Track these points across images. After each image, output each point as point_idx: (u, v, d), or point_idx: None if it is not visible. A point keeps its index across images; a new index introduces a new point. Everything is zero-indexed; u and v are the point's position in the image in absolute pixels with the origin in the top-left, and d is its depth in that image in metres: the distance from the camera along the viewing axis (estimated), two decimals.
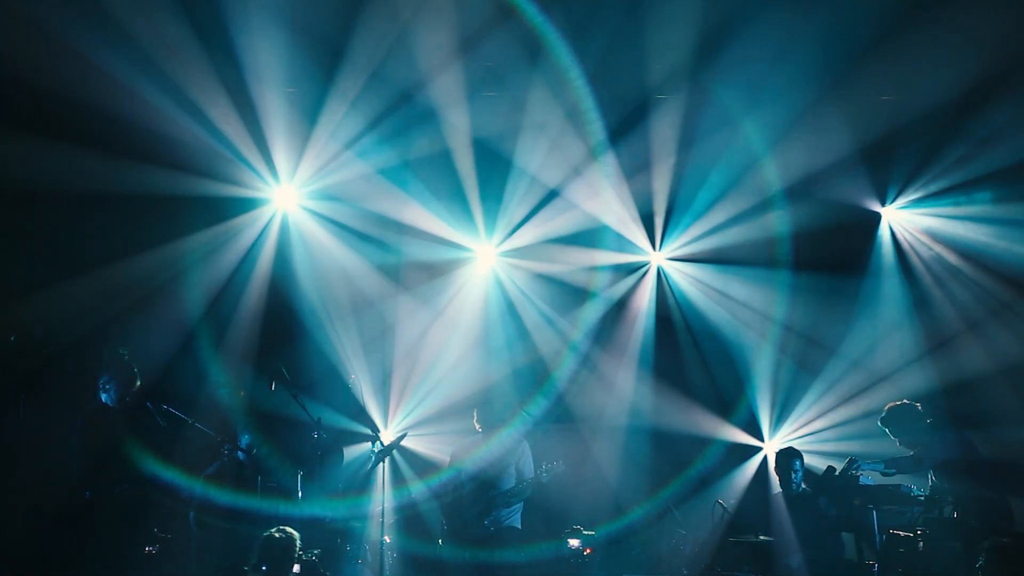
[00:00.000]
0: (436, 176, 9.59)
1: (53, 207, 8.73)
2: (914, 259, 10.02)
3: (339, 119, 8.82)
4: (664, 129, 9.17)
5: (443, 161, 9.45)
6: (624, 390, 10.25)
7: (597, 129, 9.04)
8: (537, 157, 9.45)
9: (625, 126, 9.15)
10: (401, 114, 8.87)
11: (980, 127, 8.92)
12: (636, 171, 9.63)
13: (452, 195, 9.77)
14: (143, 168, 8.60)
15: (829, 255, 9.99)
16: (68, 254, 8.83)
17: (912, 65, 8.34)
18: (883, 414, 8.12)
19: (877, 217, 10.09)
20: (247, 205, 9.48)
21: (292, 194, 9.59)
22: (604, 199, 9.78)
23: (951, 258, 9.84)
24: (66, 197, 8.61)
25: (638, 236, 10.24)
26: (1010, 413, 9.07)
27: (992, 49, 8.06)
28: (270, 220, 9.65)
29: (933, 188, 9.66)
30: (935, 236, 9.93)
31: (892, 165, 9.58)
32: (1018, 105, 8.68)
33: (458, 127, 9.13)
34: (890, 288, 10.07)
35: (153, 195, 8.81)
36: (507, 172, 9.59)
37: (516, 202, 9.86)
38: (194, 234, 9.26)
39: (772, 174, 9.53)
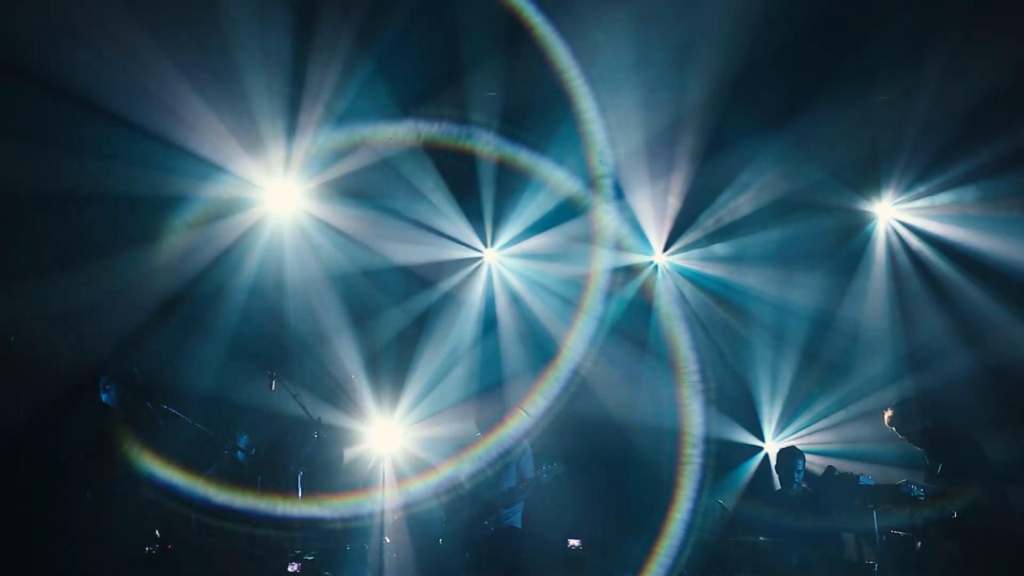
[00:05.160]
0: (438, 174, 9.60)
1: (52, 207, 8.74)
2: (912, 258, 10.01)
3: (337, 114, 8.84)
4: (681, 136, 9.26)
5: (444, 158, 9.47)
6: (630, 390, 10.27)
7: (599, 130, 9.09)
8: (546, 157, 9.49)
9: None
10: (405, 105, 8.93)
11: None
12: (644, 175, 9.66)
13: (455, 194, 9.78)
14: (142, 167, 8.62)
15: (827, 254, 10.04)
16: (69, 254, 8.84)
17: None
18: (888, 412, 8.13)
19: (872, 216, 10.10)
20: (241, 205, 9.47)
21: (288, 194, 9.60)
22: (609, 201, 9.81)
23: (948, 257, 9.83)
24: (65, 197, 8.61)
25: (643, 237, 10.25)
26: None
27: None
28: (263, 220, 9.65)
29: (930, 186, 9.66)
30: (932, 236, 9.92)
31: (889, 164, 9.58)
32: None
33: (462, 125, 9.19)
34: (888, 288, 10.07)
35: (153, 195, 8.83)
36: (511, 171, 9.60)
37: (520, 202, 9.87)
38: (192, 234, 9.26)
39: (772, 173, 9.58)
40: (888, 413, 8.14)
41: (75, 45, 7.75)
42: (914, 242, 9.97)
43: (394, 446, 9.48)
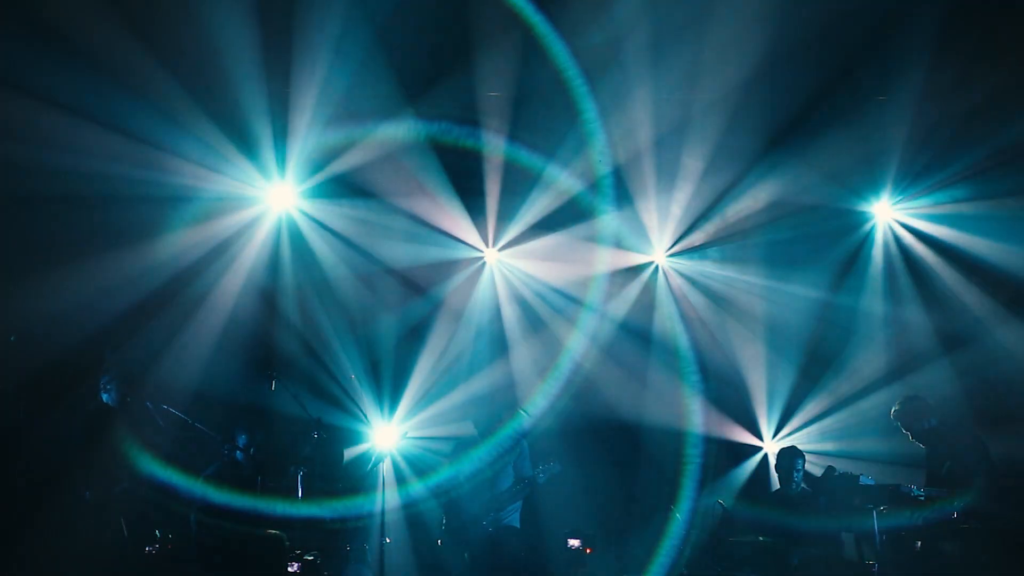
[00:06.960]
0: (438, 173, 9.59)
1: (50, 207, 8.74)
2: (910, 257, 10.02)
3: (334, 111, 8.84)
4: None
5: (445, 158, 9.47)
6: (630, 389, 10.27)
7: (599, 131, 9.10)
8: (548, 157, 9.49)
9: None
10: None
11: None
12: (646, 176, 9.67)
13: (455, 194, 9.77)
14: (139, 168, 8.63)
15: (827, 254, 10.06)
16: (68, 254, 8.84)
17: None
18: (895, 407, 8.13)
19: (870, 216, 10.10)
20: (241, 204, 9.46)
21: (288, 193, 9.58)
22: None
23: (944, 258, 9.84)
24: (63, 198, 8.62)
25: (643, 237, 10.24)
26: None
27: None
28: (263, 220, 9.64)
29: (927, 186, 9.67)
30: (931, 236, 9.93)
31: (887, 164, 9.59)
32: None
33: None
34: (886, 288, 10.08)
35: (151, 195, 8.83)
36: (513, 171, 9.60)
37: (521, 202, 9.87)
38: (190, 234, 9.26)
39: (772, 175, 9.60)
40: (895, 410, 8.14)
41: (69, 51, 7.76)
42: (913, 242, 9.98)
43: (394, 446, 9.48)
